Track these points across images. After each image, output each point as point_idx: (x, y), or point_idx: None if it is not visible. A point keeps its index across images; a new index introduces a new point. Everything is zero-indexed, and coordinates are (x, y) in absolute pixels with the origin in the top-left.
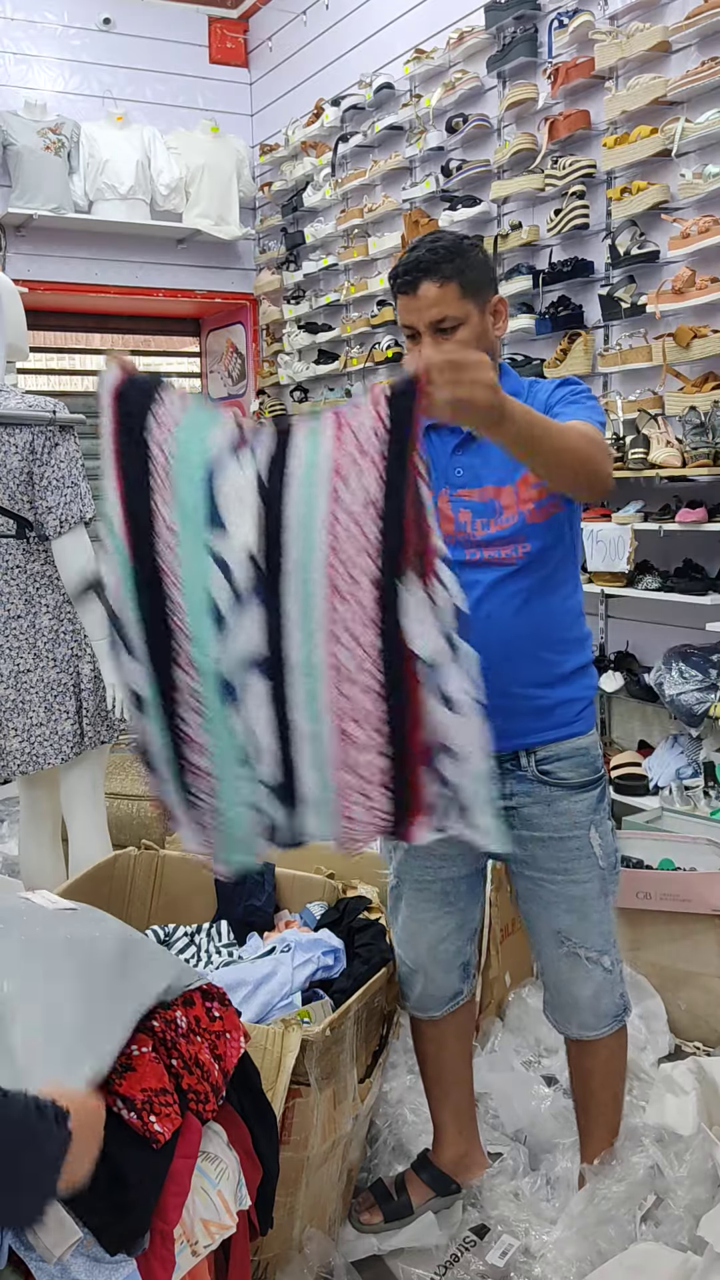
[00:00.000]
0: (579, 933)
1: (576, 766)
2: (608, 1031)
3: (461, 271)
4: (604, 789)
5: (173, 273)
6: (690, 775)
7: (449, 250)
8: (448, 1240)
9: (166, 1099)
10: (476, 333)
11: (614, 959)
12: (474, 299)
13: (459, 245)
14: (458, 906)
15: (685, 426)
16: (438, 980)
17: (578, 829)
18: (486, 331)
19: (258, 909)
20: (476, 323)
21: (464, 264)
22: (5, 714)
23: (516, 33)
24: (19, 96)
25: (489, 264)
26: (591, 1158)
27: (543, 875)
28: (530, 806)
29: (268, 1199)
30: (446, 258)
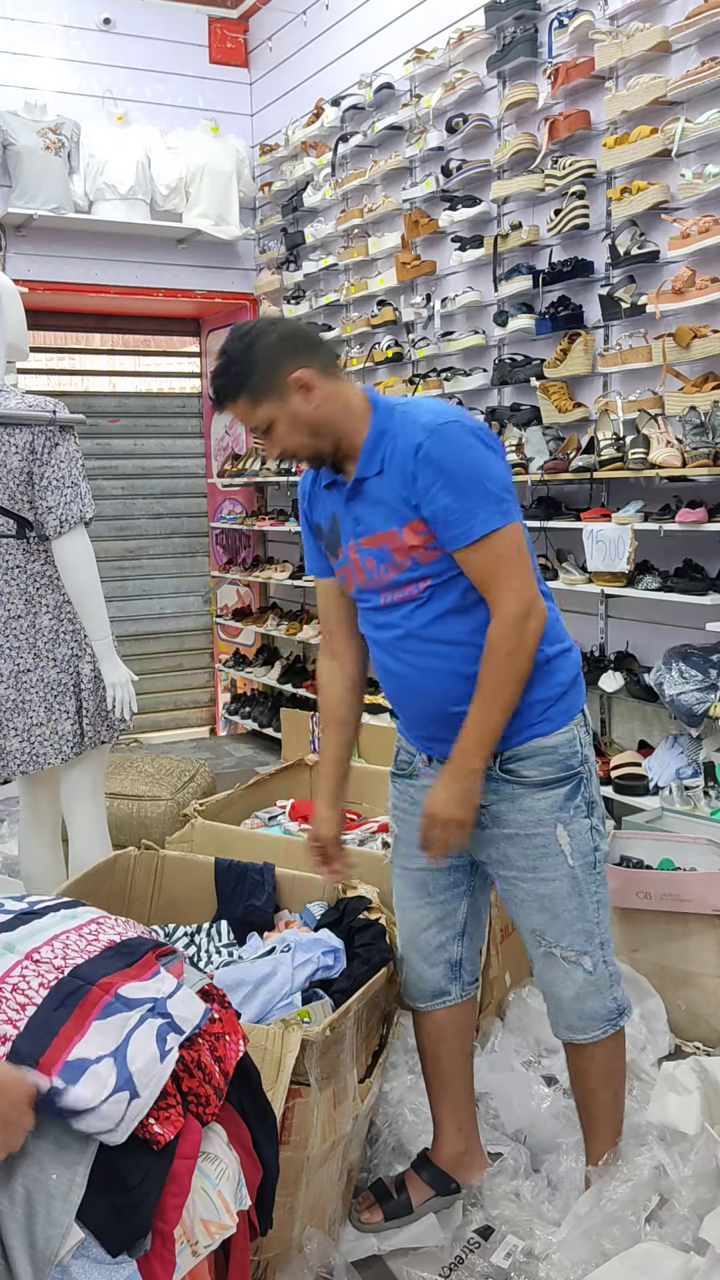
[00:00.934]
0: (552, 932)
1: (540, 765)
2: (599, 1036)
3: (241, 385)
4: (576, 786)
5: (173, 273)
6: (690, 775)
7: (228, 367)
8: (449, 1241)
9: (168, 1103)
10: (289, 422)
11: (598, 960)
12: (267, 398)
13: (238, 354)
14: (437, 899)
15: (685, 426)
16: (418, 970)
17: (542, 826)
18: (298, 413)
19: (258, 909)
20: (284, 413)
21: (242, 375)
22: (5, 714)
23: (516, 33)
24: (19, 96)
25: (277, 349)
26: (596, 1159)
27: (515, 874)
28: (498, 804)
29: (268, 1199)
30: (225, 381)
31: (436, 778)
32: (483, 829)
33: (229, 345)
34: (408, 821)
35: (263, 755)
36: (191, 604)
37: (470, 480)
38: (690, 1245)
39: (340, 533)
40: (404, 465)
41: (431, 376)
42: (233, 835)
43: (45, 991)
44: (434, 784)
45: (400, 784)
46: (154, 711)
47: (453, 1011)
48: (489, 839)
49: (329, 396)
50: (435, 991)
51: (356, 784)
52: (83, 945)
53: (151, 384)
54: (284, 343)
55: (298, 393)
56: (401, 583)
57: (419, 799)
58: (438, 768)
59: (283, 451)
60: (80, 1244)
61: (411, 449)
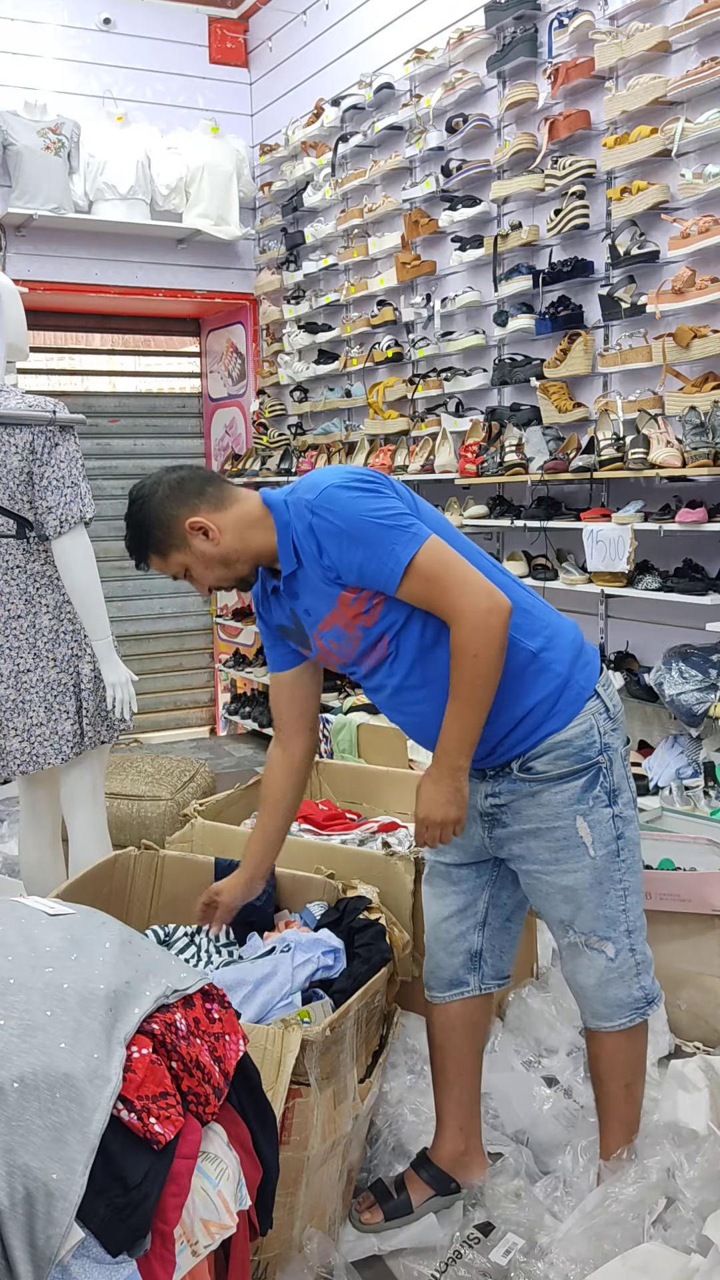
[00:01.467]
0: (578, 921)
1: (555, 760)
2: (625, 1024)
3: (145, 544)
4: (595, 776)
5: (173, 273)
6: (690, 775)
7: (131, 533)
8: (449, 1239)
9: (168, 1102)
10: (202, 563)
11: (623, 948)
12: (173, 549)
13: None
14: (461, 889)
15: (685, 426)
16: (437, 958)
17: (561, 819)
18: (205, 553)
19: (258, 909)
20: (194, 558)
21: (144, 536)
22: (5, 714)
23: (516, 33)
24: (19, 96)
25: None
26: (607, 1153)
27: (538, 868)
28: (518, 800)
29: (268, 1200)
30: (134, 544)
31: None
32: (503, 826)
33: (128, 513)
34: None
35: (263, 755)
36: (191, 604)
37: (365, 528)
38: (693, 1247)
39: (304, 626)
40: (308, 547)
41: (431, 376)
42: (233, 835)
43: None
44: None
45: None
46: (154, 711)
47: (467, 1005)
48: (511, 835)
49: (227, 528)
50: (453, 980)
51: (357, 784)
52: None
53: (151, 384)
54: (171, 497)
55: (197, 536)
56: (366, 649)
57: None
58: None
59: (209, 588)
60: (80, 1244)
61: (307, 530)
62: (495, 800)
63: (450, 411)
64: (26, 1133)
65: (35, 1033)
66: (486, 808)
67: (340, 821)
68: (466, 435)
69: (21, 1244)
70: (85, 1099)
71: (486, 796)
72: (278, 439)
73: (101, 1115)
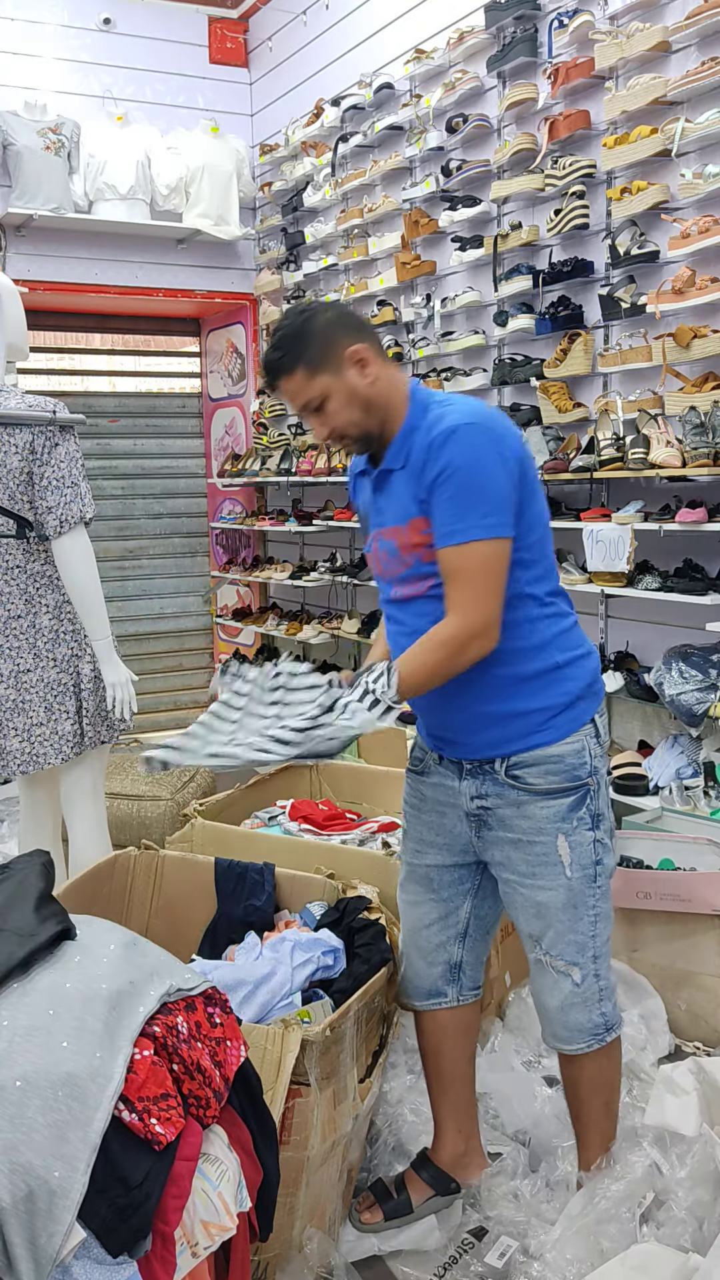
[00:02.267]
0: (546, 940)
1: (545, 774)
2: (584, 1048)
3: (299, 356)
4: (582, 798)
5: (173, 273)
6: (690, 775)
7: (284, 341)
8: (446, 1242)
9: (169, 1103)
10: (344, 397)
11: (589, 974)
12: (324, 371)
13: (294, 329)
14: (441, 896)
15: (685, 426)
16: (416, 967)
17: (543, 835)
18: (353, 389)
19: (258, 909)
20: (339, 389)
21: (300, 346)
22: (5, 714)
23: (516, 33)
24: (19, 96)
25: (333, 324)
26: (587, 1165)
27: (515, 878)
28: (503, 808)
29: (268, 1206)
30: (284, 351)
31: (449, 777)
32: (489, 830)
33: (284, 322)
34: (417, 817)
35: None
36: (191, 604)
37: (472, 483)
38: (688, 1247)
39: (370, 521)
40: (420, 457)
41: (431, 376)
42: (233, 835)
43: None
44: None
45: (413, 779)
46: (154, 711)
47: (455, 1014)
48: (494, 841)
49: (381, 375)
50: (431, 991)
51: (357, 784)
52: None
53: (151, 384)
54: (340, 319)
55: (354, 367)
56: (408, 579)
57: (429, 795)
58: (449, 765)
59: (333, 430)
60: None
61: (428, 443)
62: (481, 802)
63: None
64: (29, 1131)
65: (38, 1032)
66: (473, 808)
67: (340, 821)
68: None
69: (23, 1242)
70: (87, 1098)
71: (473, 798)
72: (278, 439)
73: (103, 1114)
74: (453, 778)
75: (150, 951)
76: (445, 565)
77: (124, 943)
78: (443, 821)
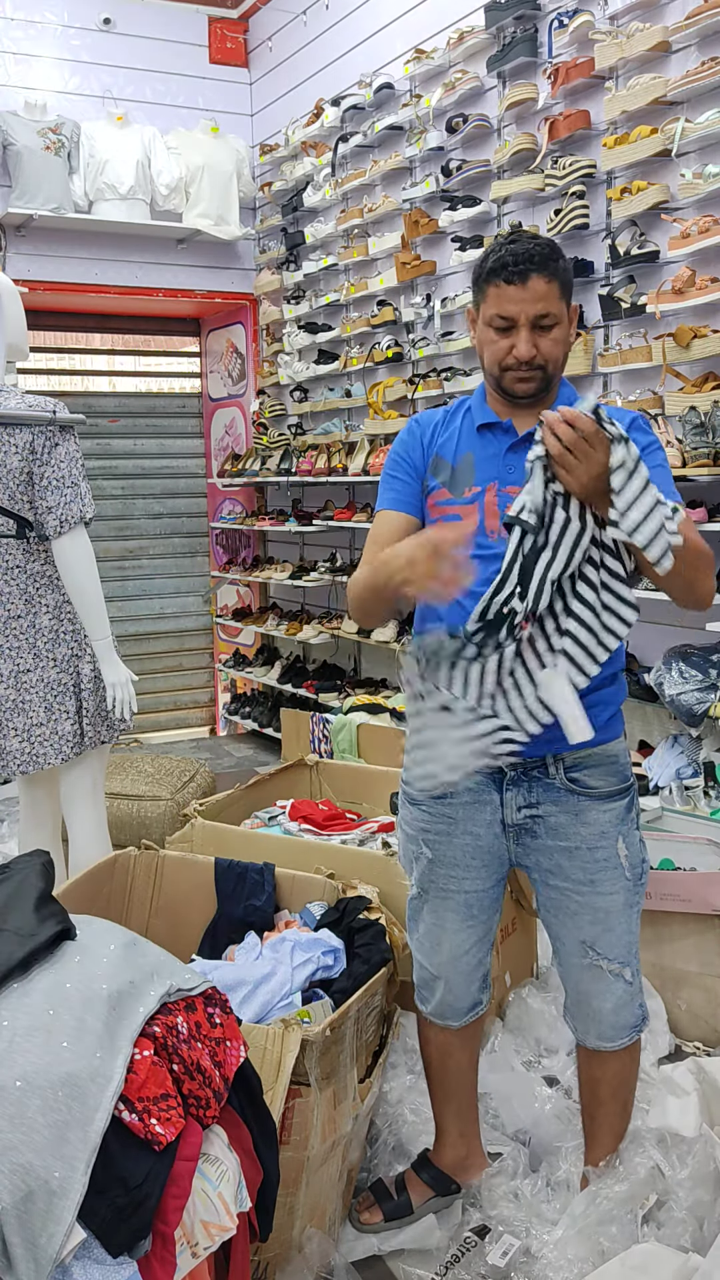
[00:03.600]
0: (603, 944)
1: (605, 774)
2: (626, 1043)
3: (563, 272)
4: (633, 798)
5: (173, 273)
6: (690, 775)
7: (553, 249)
8: (448, 1241)
9: (169, 1104)
10: (565, 334)
11: (635, 971)
12: (567, 301)
13: (556, 248)
14: (480, 919)
15: (685, 426)
16: (457, 990)
17: (605, 840)
18: (569, 334)
19: (258, 909)
20: (566, 325)
21: (563, 265)
22: (5, 714)
23: (516, 33)
24: (19, 96)
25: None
26: (595, 1161)
27: (569, 886)
28: (557, 816)
29: (268, 1207)
30: (553, 256)
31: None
32: (535, 839)
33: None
34: (449, 842)
35: (263, 755)
36: (191, 604)
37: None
38: (688, 1247)
39: (477, 474)
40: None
41: (431, 376)
42: (233, 835)
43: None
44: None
45: (434, 806)
46: (154, 711)
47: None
48: (542, 850)
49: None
50: (471, 1005)
51: (356, 784)
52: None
53: (151, 384)
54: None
55: (572, 321)
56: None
57: (461, 815)
58: (483, 780)
59: (542, 355)
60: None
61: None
62: (531, 812)
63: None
64: (29, 1131)
65: (37, 1032)
66: (519, 819)
67: (340, 821)
68: None
69: (23, 1242)
70: (87, 1098)
71: (520, 808)
72: (278, 439)
73: (103, 1114)
74: (489, 790)
75: (150, 951)
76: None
77: (124, 943)
78: (479, 842)
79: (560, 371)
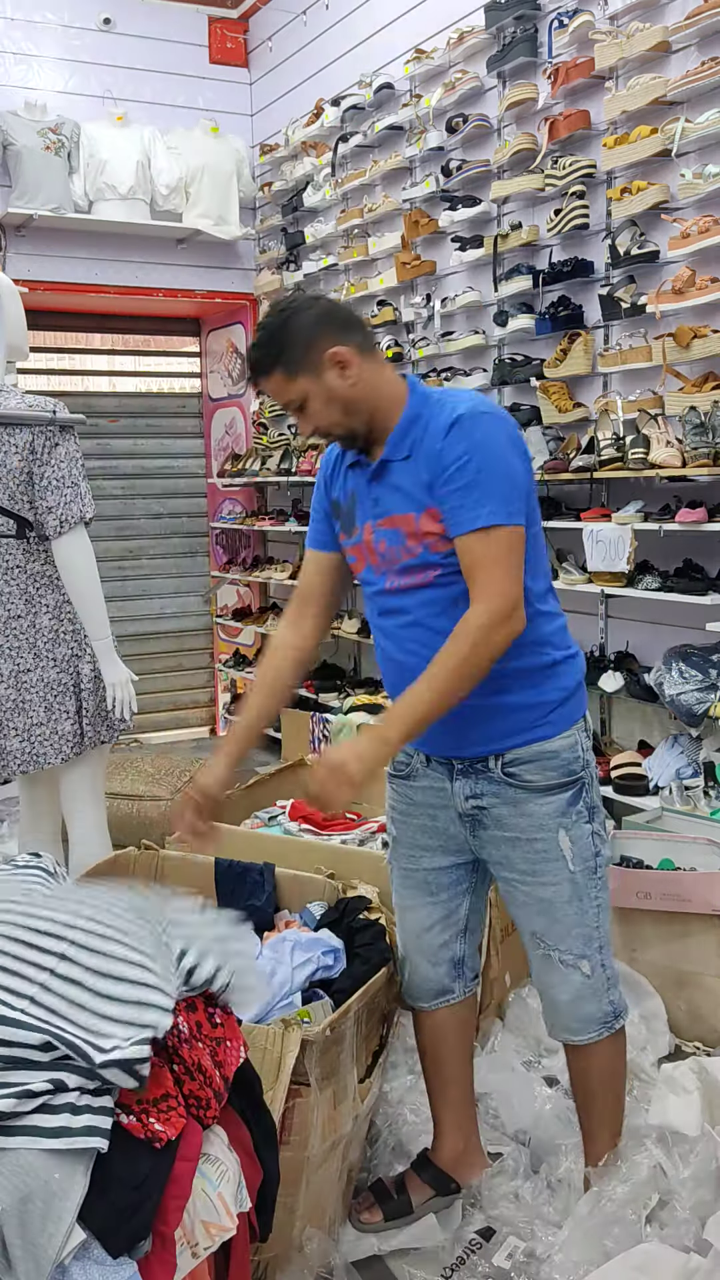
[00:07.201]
0: (552, 935)
1: (543, 769)
2: (594, 1038)
3: (278, 358)
4: (578, 791)
5: (173, 273)
6: (690, 775)
7: (264, 342)
8: (450, 1242)
9: (169, 1104)
10: (324, 398)
11: (596, 964)
12: (303, 373)
13: (274, 327)
14: (440, 899)
15: (685, 426)
16: (422, 970)
17: (544, 831)
18: (333, 390)
19: (258, 909)
20: (318, 390)
21: (279, 347)
22: (5, 714)
23: (516, 33)
24: (19, 96)
25: (315, 324)
26: (595, 1160)
27: (515, 876)
28: (499, 807)
29: (268, 1208)
30: (263, 352)
31: (437, 779)
32: (484, 829)
33: (267, 319)
34: (407, 823)
35: (263, 755)
36: (191, 604)
37: (489, 469)
38: (691, 1247)
39: (357, 512)
40: (432, 445)
41: (431, 376)
42: (233, 835)
43: None
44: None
45: (399, 785)
46: (154, 711)
47: (455, 1010)
48: (490, 840)
49: (365, 376)
50: (439, 990)
51: None
52: None
53: (151, 384)
54: (322, 319)
55: (333, 369)
56: (412, 568)
57: (418, 799)
58: (438, 767)
59: (315, 429)
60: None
61: (444, 427)
62: (476, 802)
63: None
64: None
65: None
66: (467, 809)
67: (340, 821)
68: None
69: (22, 1244)
70: None
71: (467, 798)
72: (278, 439)
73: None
74: (443, 779)
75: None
76: (468, 551)
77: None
78: (435, 824)
79: (354, 413)
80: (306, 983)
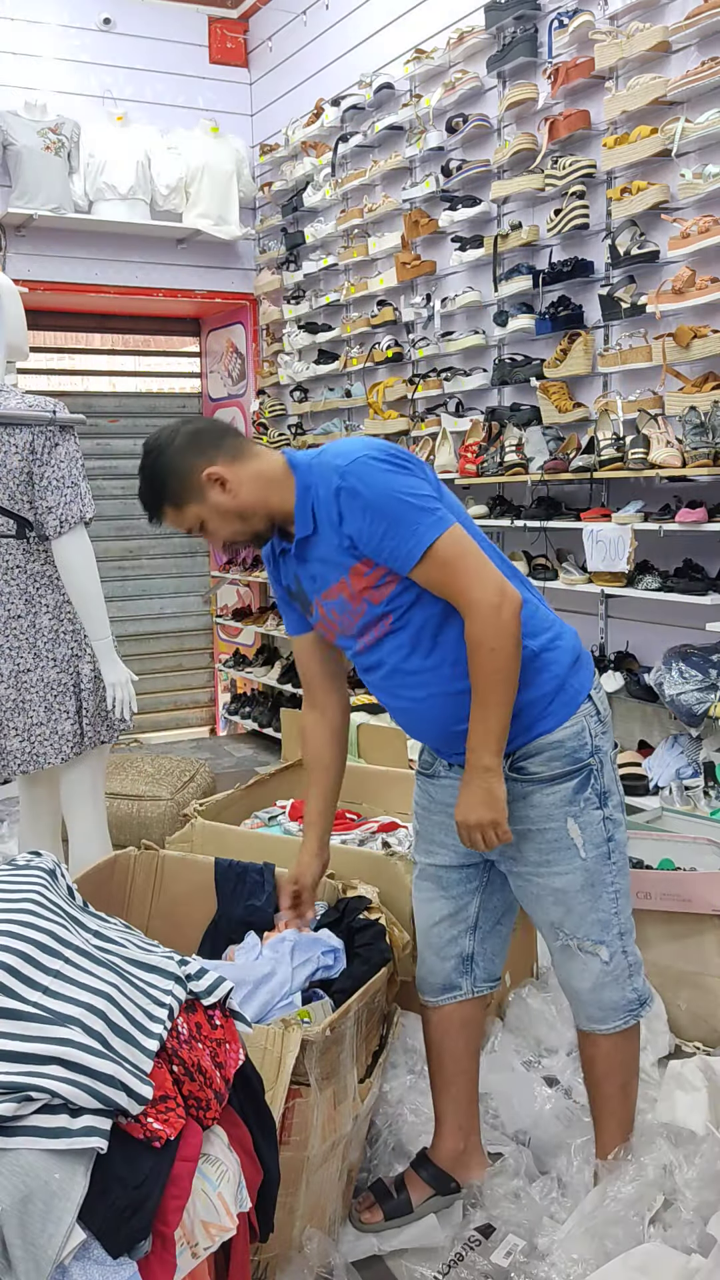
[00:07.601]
0: (569, 924)
1: (547, 760)
2: (619, 1026)
3: (162, 497)
4: (586, 778)
5: (173, 273)
6: (690, 775)
7: (145, 487)
8: (450, 1240)
9: (169, 1105)
10: (217, 516)
11: (616, 950)
12: (189, 502)
13: (150, 471)
14: (450, 894)
15: (685, 426)
16: (429, 963)
17: (553, 821)
18: (221, 506)
19: (258, 909)
20: (209, 511)
21: (159, 487)
22: (5, 714)
23: (516, 33)
24: (19, 96)
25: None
26: (604, 1153)
27: (529, 869)
28: (509, 802)
29: (269, 1207)
30: (148, 496)
31: (458, 781)
32: None
33: (143, 463)
34: (427, 818)
35: (263, 755)
36: (191, 604)
37: (392, 504)
38: (694, 1248)
39: (307, 591)
40: (329, 513)
41: (431, 376)
42: (233, 835)
43: None
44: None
45: (424, 783)
46: (154, 711)
47: (461, 1008)
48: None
49: (245, 481)
50: (445, 985)
51: (356, 784)
52: None
53: (151, 384)
54: (188, 447)
55: (214, 488)
56: (367, 625)
57: (438, 797)
58: (456, 771)
59: (223, 543)
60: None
61: (331, 495)
62: None
63: (450, 411)
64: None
65: None
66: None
67: (340, 821)
68: (466, 435)
69: (22, 1244)
70: None
71: None
72: (278, 439)
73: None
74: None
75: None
76: (426, 579)
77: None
78: (450, 823)
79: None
80: (306, 983)
